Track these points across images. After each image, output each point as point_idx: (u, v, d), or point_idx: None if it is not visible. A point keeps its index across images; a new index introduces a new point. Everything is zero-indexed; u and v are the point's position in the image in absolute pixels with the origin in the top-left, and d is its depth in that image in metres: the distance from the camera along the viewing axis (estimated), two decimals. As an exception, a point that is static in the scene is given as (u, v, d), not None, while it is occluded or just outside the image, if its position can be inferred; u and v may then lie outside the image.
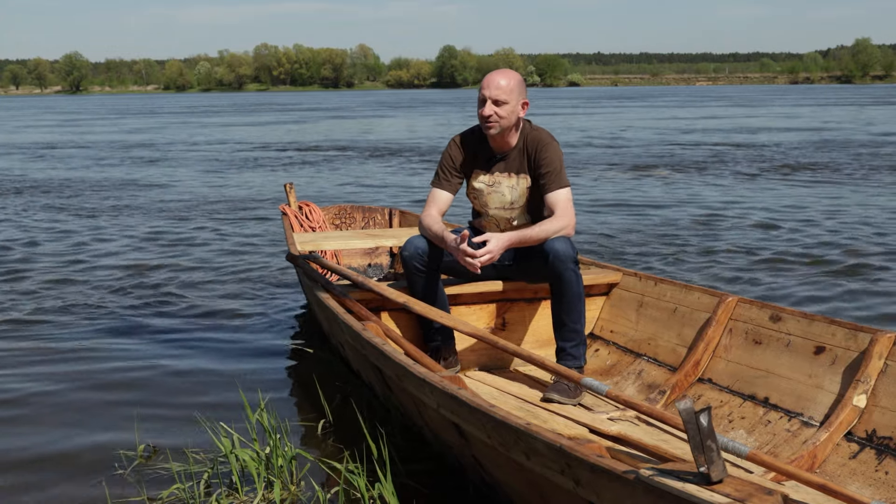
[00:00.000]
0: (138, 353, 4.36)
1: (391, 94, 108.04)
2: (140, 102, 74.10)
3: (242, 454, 2.83)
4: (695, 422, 1.58)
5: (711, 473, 1.58)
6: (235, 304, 5.28)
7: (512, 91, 3.35)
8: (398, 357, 2.73)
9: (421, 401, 2.67)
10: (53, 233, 8.03)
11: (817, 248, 6.86)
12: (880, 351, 2.77)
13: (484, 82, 3.40)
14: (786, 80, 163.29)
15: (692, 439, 1.59)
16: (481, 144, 3.53)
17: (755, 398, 3.08)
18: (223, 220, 8.77)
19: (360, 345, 3.08)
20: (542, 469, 2.04)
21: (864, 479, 2.60)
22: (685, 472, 1.64)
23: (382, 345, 2.87)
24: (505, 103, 3.34)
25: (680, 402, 1.60)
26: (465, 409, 2.32)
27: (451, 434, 2.60)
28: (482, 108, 3.36)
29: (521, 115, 3.42)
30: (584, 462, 1.84)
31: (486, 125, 3.37)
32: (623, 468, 1.74)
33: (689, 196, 10.26)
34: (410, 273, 3.49)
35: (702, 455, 1.59)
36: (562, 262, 3.26)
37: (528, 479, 2.21)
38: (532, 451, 2.06)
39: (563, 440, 1.94)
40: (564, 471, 1.95)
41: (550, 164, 3.38)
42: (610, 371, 3.64)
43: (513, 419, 2.12)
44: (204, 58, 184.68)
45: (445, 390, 2.40)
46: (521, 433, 2.07)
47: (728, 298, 3.36)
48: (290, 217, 5.14)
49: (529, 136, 3.46)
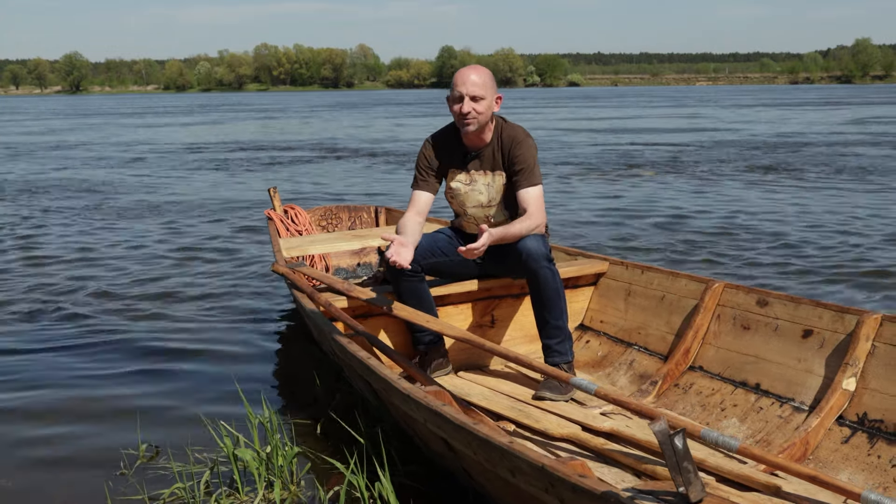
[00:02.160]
0: (138, 353, 4.38)
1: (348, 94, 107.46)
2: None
3: (243, 454, 2.84)
4: (670, 444, 1.56)
5: (690, 494, 1.56)
6: (234, 304, 5.29)
7: (486, 86, 3.32)
8: (383, 372, 2.72)
9: (408, 415, 2.66)
10: (54, 234, 8.00)
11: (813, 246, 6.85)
12: (867, 333, 2.75)
13: (457, 79, 3.36)
14: (786, 80, 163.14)
15: (668, 461, 1.57)
16: (455, 143, 3.49)
17: (746, 384, 3.06)
18: (212, 222, 8.75)
19: (347, 358, 3.07)
20: (527, 486, 2.03)
21: (856, 464, 2.59)
22: (664, 493, 1.62)
23: (367, 359, 2.85)
24: (482, 98, 3.31)
25: (654, 425, 1.58)
26: (449, 426, 2.30)
27: (440, 446, 2.59)
28: (460, 105, 3.32)
29: (495, 109, 3.39)
30: (566, 482, 1.83)
31: (464, 122, 3.33)
32: (603, 488, 1.72)
33: (675, 195, 10.25)
34: (395, 277, 3.47)
35: (679, 476, 1.57)
36: (535, 260, 3.24)
37: (515, 493, 2.20)
38: (516, 468, 2.04)
39: (545, 459, 1.92)
40: (548, 489, 1.94)
41: (524, 161, 3.35)
42: (601, 362, 3.63)
43: (496, 437, 2.10)
44: (204, 58, 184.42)
45: (430, 407, 2.38)
46: (505, 452, 2.05)
47: (714, 284, 3.34)
48: (276, 221, 5.11)
49: (504, 132, 3.42)
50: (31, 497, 2.86)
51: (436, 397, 2.50)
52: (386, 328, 3.62)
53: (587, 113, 34.43)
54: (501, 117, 3.46)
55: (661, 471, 2.51)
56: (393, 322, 3.61)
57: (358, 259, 5.33)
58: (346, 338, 3.12)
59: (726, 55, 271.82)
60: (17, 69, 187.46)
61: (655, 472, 2.52)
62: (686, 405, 3.15)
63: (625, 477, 2.58)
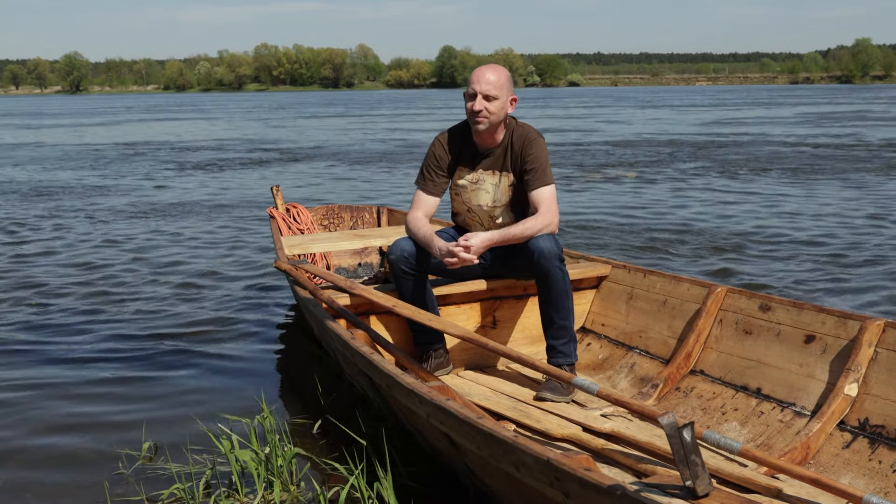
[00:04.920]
0: (137, 354, 4.36)
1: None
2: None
3: (242, 454, 2.83)
4: (678, 437, 1.56)
5: (697, 487, 1.57)
6: (235, 304, 5.28)
7: (502, 87, 3.32)
8: (386, 367, 2.72)
9: (411, 410, 2.66)
10: (51, 235, 7.99)
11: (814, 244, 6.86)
12: (870, 339, 2.76)
13: (473, 77, 3.37)
14: (786, 80, 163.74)
15: (676, 454, 1.58)
16: (466, 141, 3.50)
17: (747, 389, 3.07)
18: (211, 220, 8.74)
19: (350, 353, 3.07)
20: (532, 481, 2.03)
21: (857, 469, 2.60)
22: (671, 486, 1.63)
23: (371, 354, 2.85)
24: (495, 98, 3.31)
25: (663, 418, 1.58)
26: (453, 420, 2.30)
27: (442, 442, 2.59)
28: (472, 103, 3.33)
29: (509, 111, 3.39)
30: (572, 476, 1.83)
31: (475, 120, 3.34)
32: (609, 482, 1.72)
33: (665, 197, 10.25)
34: (398, 276, 3.47)
35: (686, 469, 1.57)
36: (547, 259, 3.24)
37: (519, 489, 2.20)
38: (521, 463, 2.05)
39: (550, 453, 1.92)
40: (553, 483, 1.94)
41: (536, 160, 3.36)
42: (602, 365, 3.63)
43: (501, 432, 2.10)
44: (204, 58, 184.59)
45: (434, 402, 2.38)
46: (510, 446, 2.05)
47: (717, 289, 3.34)
48: (278, 220, 5.11)
49: (515, 132, 3.43)
50: (30, 497, 2.85)
51: (440, 392, 2.50)
52: (388, 326, 3.62)
53: (581, 112, 34.49)
54: (513, 118, 3.47)
55: (661, 471, 2.51)
56: (395, 320, 3.61)
57: (359, 259, 5.33)
58: (349, 333, 3.13)
59: (726, 55, 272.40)
60: (17, 69, 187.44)
61: (656, 472, 2.52)
62: (687, 409, 3.16)
63: (625, 478, 2.58)
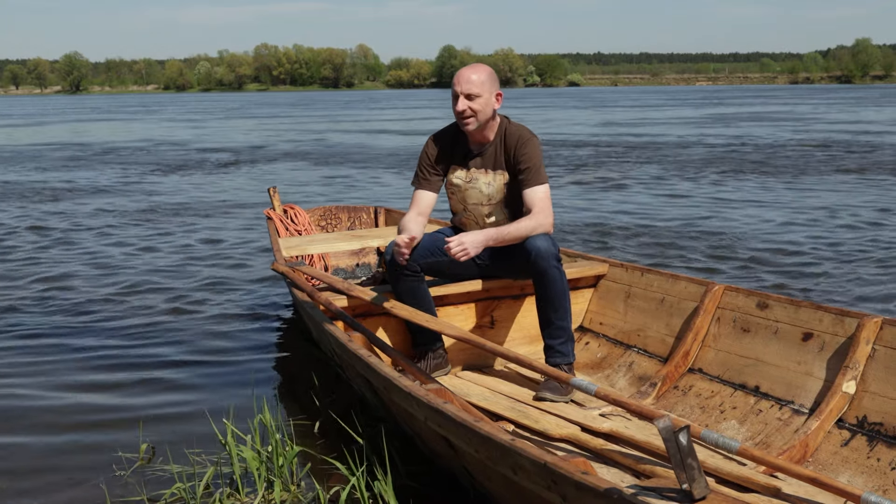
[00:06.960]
0: (136, 354, 4.36)
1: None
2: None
3: (243, 454, 2.83)
4: (674, 440, 1.56)
5: (693, 491, 1.56)
6: (233, 305, 5.28)
7: (483, 84, 3.33)
8: (384, 370, 2.71)
9: (409, 413, 2.66)
10: (49, 236, 7.99)
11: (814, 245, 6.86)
12: (867, 336, 2.76)
13: (455, 79, 3.39)
14: (786, 80, 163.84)
15: (673, 457, 1.57)
16: (458, 141, 3.51)
17: (745, 387, 3.07)
18: (210, 224, 8.74)
19: (347, 356, 3.06)
20: (530, 484, 2.03)
21: (856, 466, 2.60)
22: (668, 490, 1.62)
23: (368, 357, 2.85)
24: (478, 96, 3.32)
25: (659, 422, 1.58)
26: (451, 423, 2.30)
27: (440, 445, 2.59)
28: (456, 104, 3.34)
29: (496, 106, 3.40)
30: (569, 479, 1.83)
31: (462, 121, 3.36)
32: (606, 485, 1.72)
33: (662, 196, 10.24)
34: (395, 277, 3.47)
35: (683, 473, 1.57)
36: (544, 259, 3.24)
37: (517, 492, 2.20)
38: (518, 466, 2.04)
39: (547, 456, 1.92)
40: (551, 487, 1.93)
41: (530, 159, 3.36)
42: (601, 364, 3.63)
43: (498, 435, 2.10)
44: (204, 58, 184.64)
45: (431, 405, 2.38)
46: (507, 449, 2.05)
47: (715, 287, 3.34)
48: (276, 221, 5.11)
49: (508, 131, 3.44)
50: (30, 498, 2.84)
51: (437, 395, 2.50)
52: (385, 327, 3.62)
53: (582, 112, 34.56)
54: (506, 117, 3.47)
55: (660, 471, 2.51)
56: (392, 321, 3.61)
57: (357, 259, 5.33)
58: (346, 336, 3.12)
59: (726, 55, 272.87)
60: (17, 69, 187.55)
61: (655, 472, 2.52)
62: (685, 407, 3.15)
63: (624, 477, 2.58)
